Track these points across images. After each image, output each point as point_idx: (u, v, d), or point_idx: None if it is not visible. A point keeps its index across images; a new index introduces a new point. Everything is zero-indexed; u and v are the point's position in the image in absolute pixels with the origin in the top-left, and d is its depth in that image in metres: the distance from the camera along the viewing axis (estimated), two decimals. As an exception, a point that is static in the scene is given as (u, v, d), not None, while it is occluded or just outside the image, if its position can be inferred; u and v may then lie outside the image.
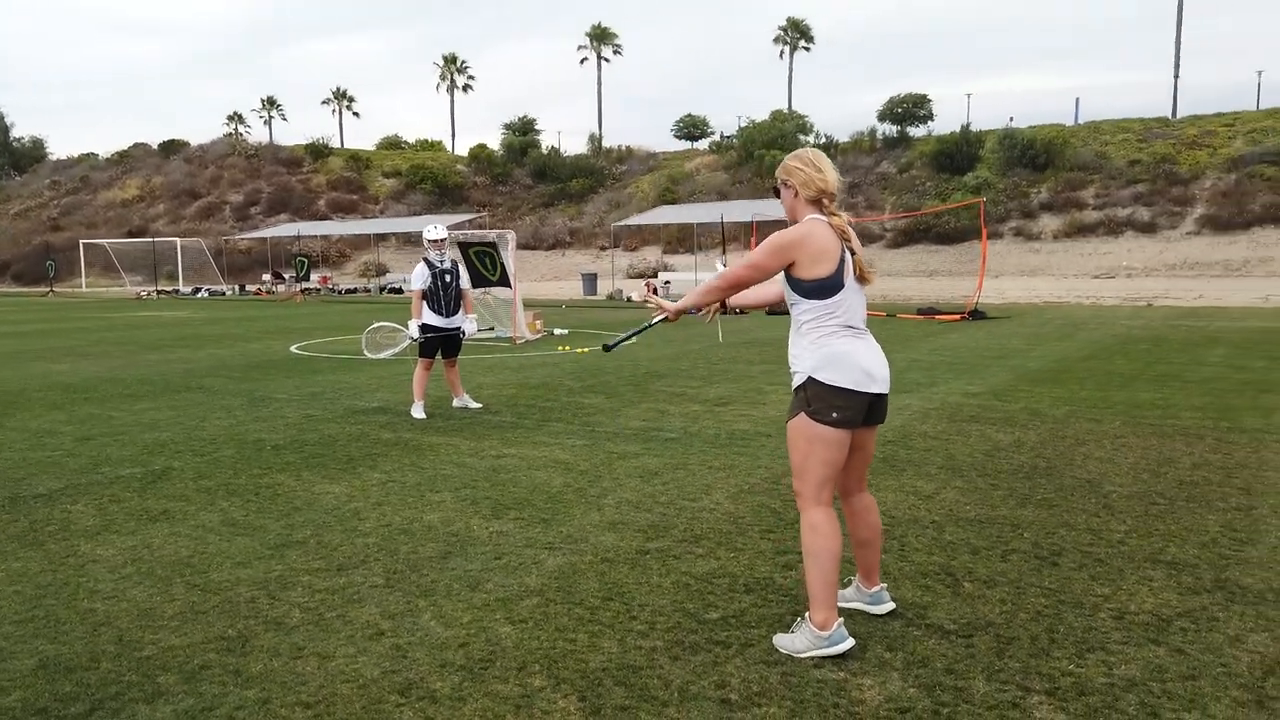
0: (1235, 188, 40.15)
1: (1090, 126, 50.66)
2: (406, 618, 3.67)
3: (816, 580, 3.29)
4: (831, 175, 3.38)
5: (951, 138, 48.36)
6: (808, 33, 65.60)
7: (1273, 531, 4.49)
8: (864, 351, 3.36)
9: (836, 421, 3.28)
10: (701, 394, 9.11)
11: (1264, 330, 15.06)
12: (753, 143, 54.28)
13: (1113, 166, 44.44)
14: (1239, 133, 45.39)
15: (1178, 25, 55.26)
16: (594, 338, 15.93)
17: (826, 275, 3.31)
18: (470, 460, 6.40)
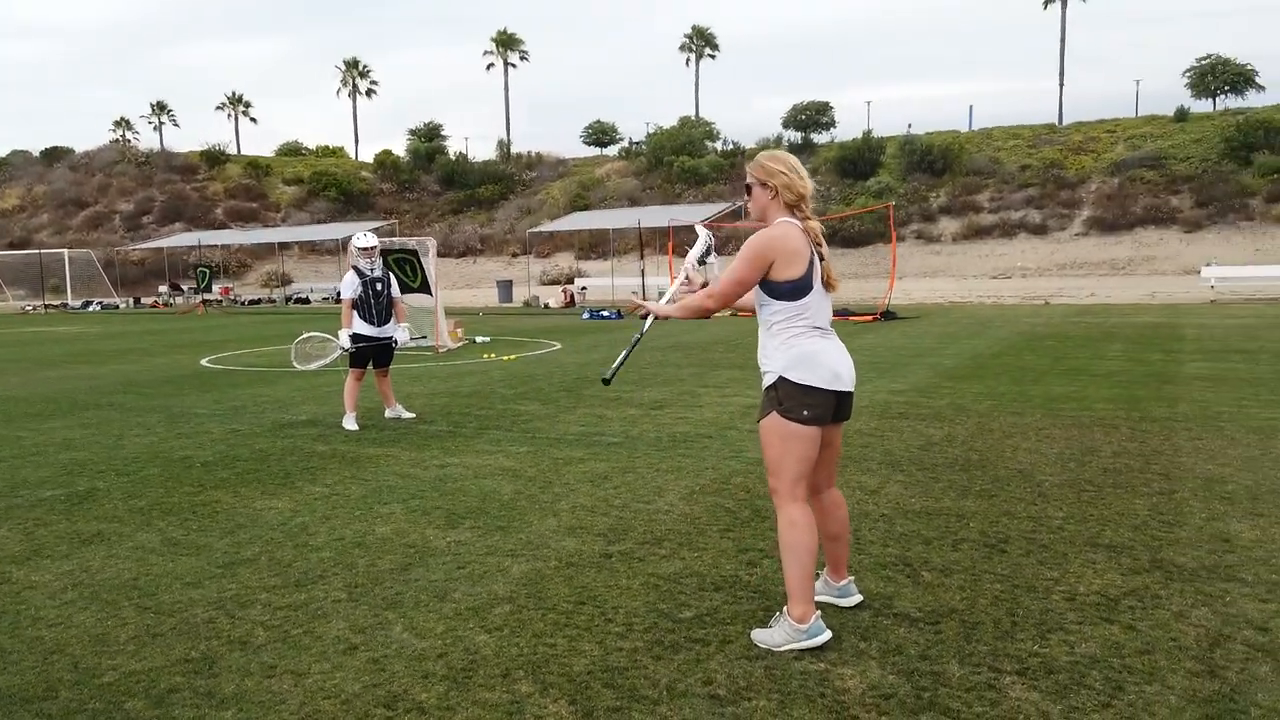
0: (1118, 191, 42.35)
1: (983, 133, 52.71)
2: (378, 631, 3.61)
3: (795, 575, 3.37)
4: (809, 181, 3.47)
5: (854, 144, 49.72)
6: (713, 41, 66.54)
7: (1196, 513, 4.78)
8: (832, 351, 3.43)
9: (807, 419, 3.37)
10: (636, 398, 9.17)
11: (1154, 325, 15.94)
12: (662, 149, 54.73)
13: (1005, 171, 46.33)
14: (1120, 139, 47.88)
15: (1062, 36, 58.03)
16: (516, 345, 15.85)
17: (798, 277, 3.38)
18: (414, 471, 6.31)
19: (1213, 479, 5.44)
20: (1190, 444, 6.36)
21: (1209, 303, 22.20)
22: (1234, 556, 4.12)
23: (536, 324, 21.50)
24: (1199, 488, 5.26)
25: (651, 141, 57.57)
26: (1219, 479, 5.43)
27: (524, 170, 62.55)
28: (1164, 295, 24.59)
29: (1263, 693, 2.88)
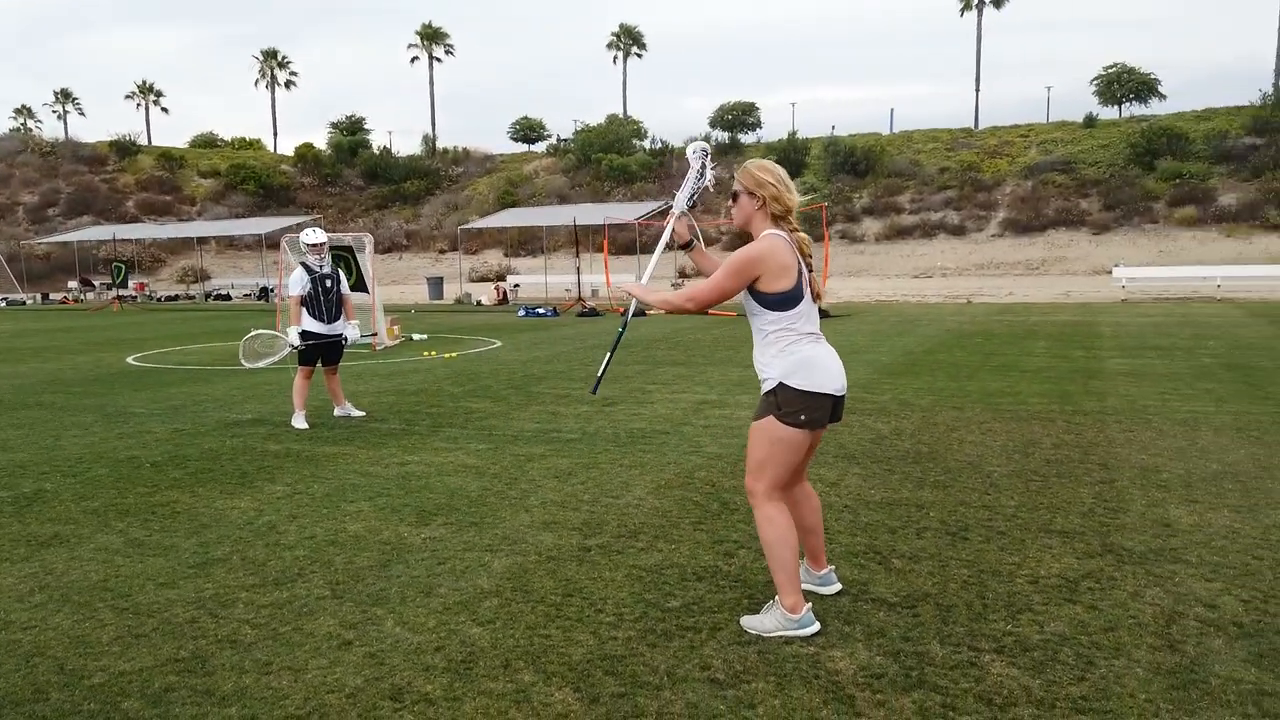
0: (1032, 194, 43.89)
1: (904, 135, 54.06)
2: (368, 626, 3.63)
3: (780, 570, 3.48)
4: (796, 194, 3.54)
5: (780, 145, 50.52)
6: (640, 39, 66.78)
7: (1137, 500, 5.08)
8: (827, 357, 3.52)
9: (805, 423, 3.44)
10: (586, 395, 9.24)
11: (1073, 323, 16.64)
12: (590, 146, 54.74)
13: (925, 173, 47.61)
14: (1033, 143, 49.60)
15: (978, 42, 59.83)
16: (454, 343, 15.74)
17: (788, 289, 3.44)
18: (374, 469, 6.28)
19: (1148, 468, 5.77)
20: (1123, 436, 6.73)
21: (1120, 301, 23.24)
22: (1176, 540, 4.40)
23: (471, 321, 21.35)
24: (1136, 477, 5.58)
25: (579, 139, 57.54)
26: (1153, 468, 5.77)
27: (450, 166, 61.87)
28: (1078, 294, 25.63)
29: (1219, 664, 3.12)
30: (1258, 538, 4.40)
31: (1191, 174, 41.13)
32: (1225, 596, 3.70)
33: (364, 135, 66.30)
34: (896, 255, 40.78)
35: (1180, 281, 26.43)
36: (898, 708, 2.89)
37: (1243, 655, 3.18)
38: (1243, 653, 3.20)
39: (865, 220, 44.38)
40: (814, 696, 2.98)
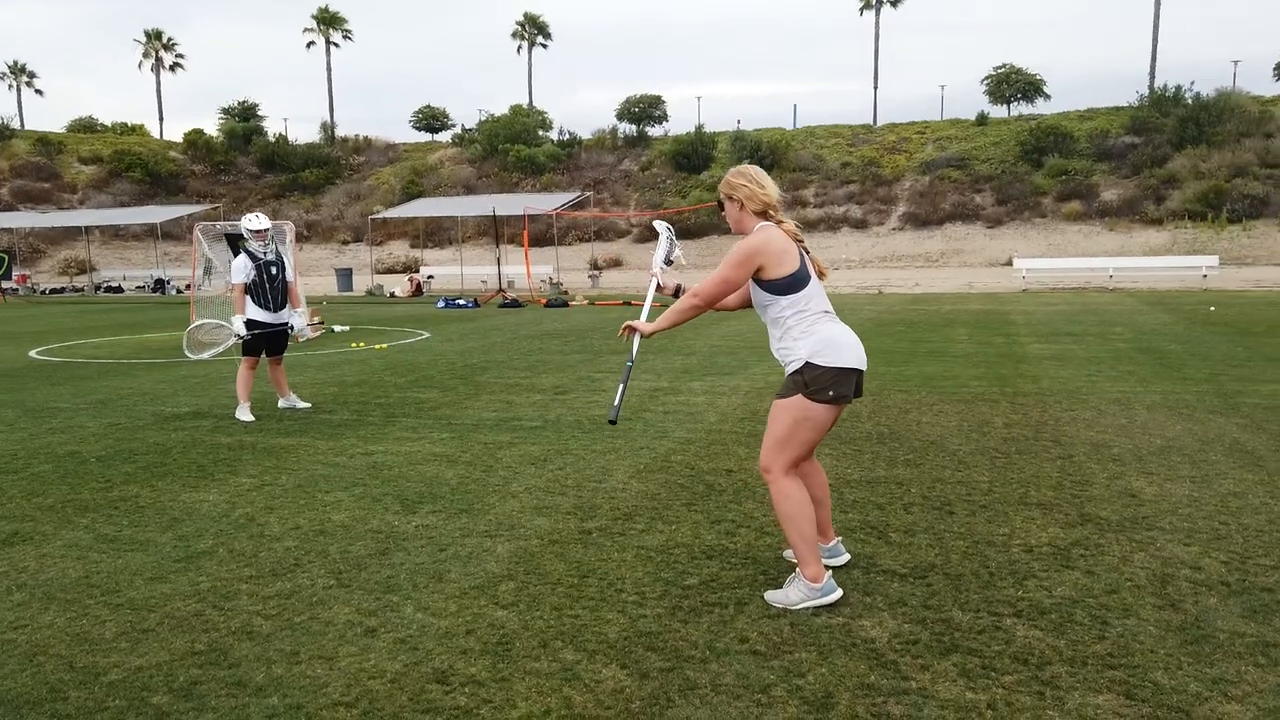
0: (929, 189, 45.42)
1: (807, 131, 55.19)
2: (388, 613, 3.56)
3: (799, 541, 3.57)
4: (773, 189, 3.66)
5: (687, 138, 50.91)
6: (545, 29, 66.28)
7: (1098, 474, 5.36)
8: (846, 333, 3.62)
9: (833, 399, 3.54)
10: (535, 384, 9.19)
11: (984, 311, 17.33)
12: (496, 137, 54.12)
13: (828, 168, 48.76)
14: (929, 140, 51.31)
15: (876, 41, 61.51)
16: (379, 334, 15.40)
17: (792, 272, 3.56)
18: (340, 459, 6.13)
19: (1098, 444, 6.09)
20: (1066, 415, 7.07)
21: (1021, 291, 24.31)
22: (1145, 509, 4.67)
23: (390, 313, 20.90)
24: (1090, 452, 5.88)
25: (484, 129, 56.82)
26: (1103, 444, 6.09)
27: (351, 154, 60.28)
28: (980, 285, 26.68)
29: (1220, 620, 3.34)
30: (1217, 505, 4.70)
31: (1076, 171, 43.25)
32: (1206, 559, 3.95)
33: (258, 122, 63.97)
34: (803, 248, 41.63)
35: (1075, 272, 27.81)
36: (941, 670, 3.00)
37: (1238, 611, 3.41)
38: (1237, 609, 3.43)
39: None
40: (858, 664, 3.06)
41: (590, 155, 54.28)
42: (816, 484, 3.89)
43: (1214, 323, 14.20)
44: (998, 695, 2.83)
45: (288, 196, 54.75)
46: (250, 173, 58.68)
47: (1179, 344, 11.45)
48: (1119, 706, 2.75)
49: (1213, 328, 13.41)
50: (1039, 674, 2.96)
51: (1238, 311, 16.23)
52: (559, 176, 51.58)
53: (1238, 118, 43.00)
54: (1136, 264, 27.64)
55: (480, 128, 57.82)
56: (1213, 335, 12.38)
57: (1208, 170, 40.35)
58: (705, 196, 43.96)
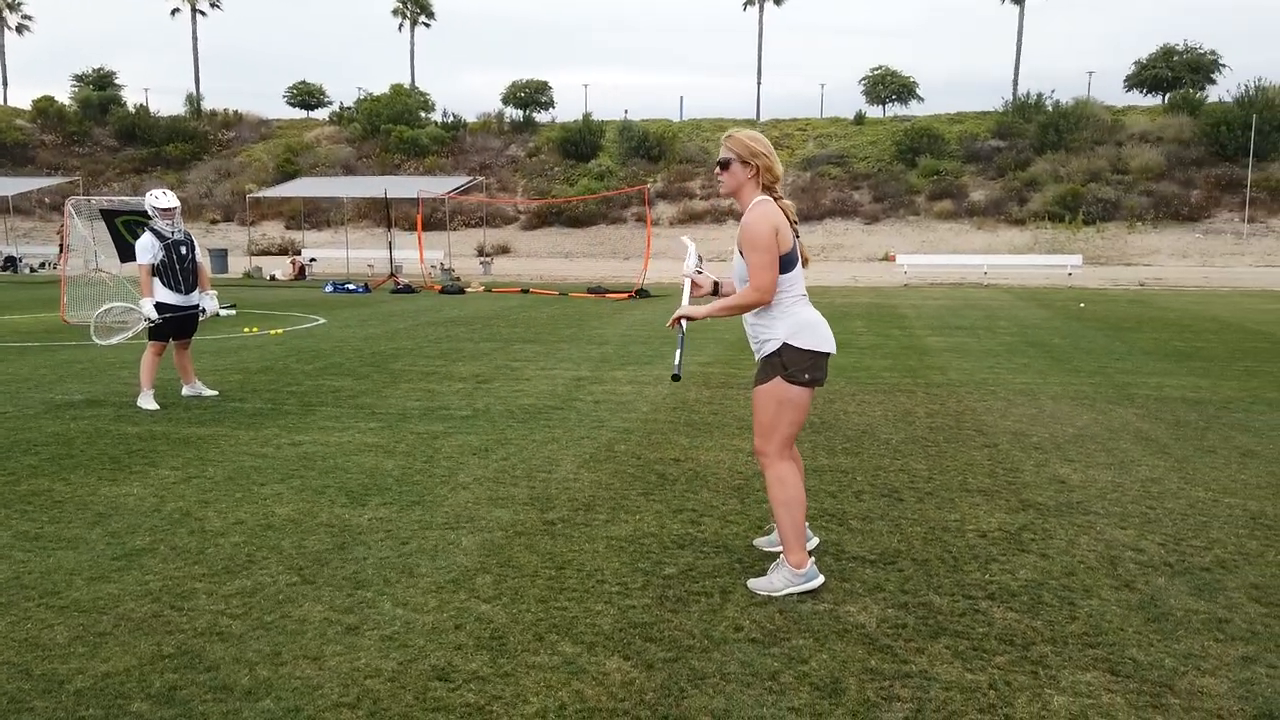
0: (810, 185, 46.70)
1: (693, 123, 55.81)
2: (365, 609, 3.43)
3: (789, 527, 3.62)
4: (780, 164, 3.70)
5: (575, 126, 50.73)
6: (428, 8, 64.73)
7: (1025, 461, 5.64)
8: (820, 319, 3.71)
9: (810, 382, 3.62)
10: (453, 372, 8.99)
11: (875, 305, 17.94)
12: (377, 117, 52.62)
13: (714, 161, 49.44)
14: (810, 136, 52.73)
15: (759, 37, 62.64)
16: (268, 319, 14.76)
17: (787, 251, 3.59)
18: (268, 450, 5.85)
19: (1018, 433, 6.40)
20: (980, 405, 7.40)
21: (903, 286, 25.28)
22: (1077, 495, 4.94)
23: (275, 297, 20.05)
24: (1012, 440, 6.18)
25: (364, 108, 55.12)
26: (1022, 433, 6.41)
27: (220, 129, 57.54)
28: (864, 279, 27.61)
29: (1173, 598, 3.57)
30: (1140, 491, 5.02)
31: (947, 171, 45.28)
32: (1144, 541, 4.22)
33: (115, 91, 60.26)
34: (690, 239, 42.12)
35: (952, 268, 29.12)
36: (936, 653, 3.10)
37: (1186, 590, 3.65)
38: (1185, 588, 3.67)
39: (660, 204, 45.52)
40: (856, 649, 3.13)
41: (476, 139, 53.42)
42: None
43: (1086, 318, 15.12)
44: (995, 676, 2.95)
45: (150, 171, 51.83)
46: (108, 145, 55.27)
47: (1061, 338, 12.14)
48: (1108, 683, 2.90)
49: (1086, 323, 14.28)
50: (1027, 654, 3.09)
51: (1104, 308, 17.33)
52: (443, 160, 50.56)
53: (1092, 126, 45.87)
54: (1008, 261, 29.18)
55: (359, 107, 56.07)
56: (1089, 330, 13.18)
57: (1066, 174, 42.91)
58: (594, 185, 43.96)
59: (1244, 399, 7.70)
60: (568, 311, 16.38)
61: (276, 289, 22.94)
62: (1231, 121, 41.83)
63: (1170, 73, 51.51)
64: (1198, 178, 41.85)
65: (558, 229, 44.35)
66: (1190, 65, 51.26)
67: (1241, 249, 36.98)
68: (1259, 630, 3.27)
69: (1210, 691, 2.85)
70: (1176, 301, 19.38)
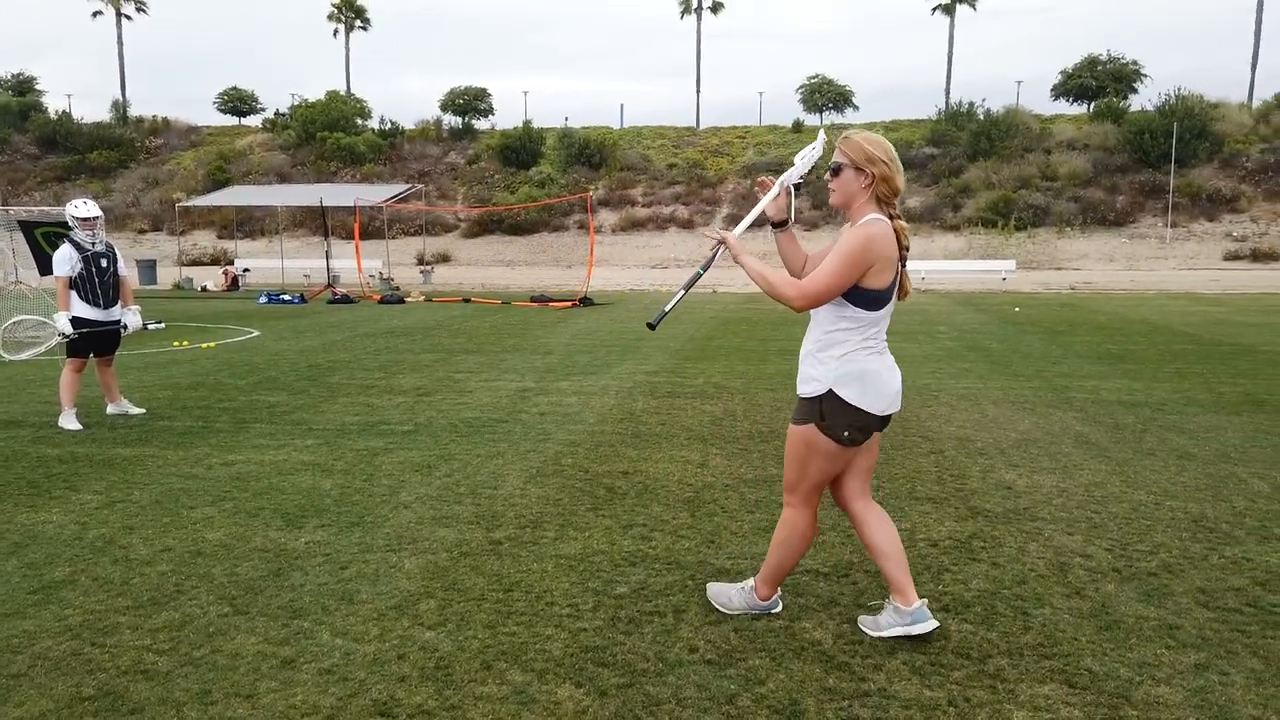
0: (751, 192, 47.02)
1: (634, 131, 55.89)
2: (302, 640, 3.27)
3: (776, 566, 3.39)
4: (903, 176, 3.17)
5: (515, 133, 50.40)
6: (363, 13, 63.75)
7: (971, 468, 5.66)
8: (887, 371, 3.20)
9: (847, 440, 3.17)
10: (393, 385, 8.78)
11: (816, 312, 18.06)
12: (312, 124, 51.64)
13: (655, 168, 49.57)
14: (750, 144, 53.15)
15: (698, 45, 63.01)
16: (201, 332, 14.31)
17: (884, 288, 3.10)
18: (198, 471, 5.61)
19: (962, 439, 6.44)
20: (925, 411, 7.44)
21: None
22: (1023, 501, 4.96)
23: (206, 309, 19.48)
24: (958, 447, 6.21)
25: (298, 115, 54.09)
26: (967, 439, 6.44)
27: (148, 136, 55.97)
28: (804, 286, 27.86)
29: (1123, 605, 3.57)
30: (1084, 495, 5.06)
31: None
32: (1091, 547, 4.23)
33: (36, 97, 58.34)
34: (632, 246, 42.17)
35: (888, 275, 29.51)
36: (893, 670, 3.05)
37: (1135, 596, 3.66)
38: (1134, 594, 3.69)
39: (602, 212, 45.45)
40: (813, 667, 3.07)
41: (414, 146, 52.80)
42: (881, 533, 3.33)
43: (1022, 322, 15.41)
44: (954, 691, 2.90)
45: (73, 180, 50.18)
46: (28, 152, 53.44)
47: (999, 343, 12.33)
48: (1066, 695, 2.88)
49: (1022, 327, 14.55)
50: (984, 667, 3.06)
51: (1038, 312, 17.69)
52: (381, 167, 49.87)
53: (1022, 134, 47.01)
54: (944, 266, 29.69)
55: (294, 113, 54.98)
56: (1026, 334, 13.42)
57: (998, 181, 43.88)
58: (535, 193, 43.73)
59: (1177, 400, 7.87)
60: (511, 321, 16.20)
61: (208, 301, 22.31)
62: (1154, 129, 43.21)
63: (1095, 82, 53.04)
64: (1123, 184, 43.14)
65: (499, 237, 43.99)
66: (1114, 75, 52.86)
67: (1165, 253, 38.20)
68: (1208, 636, 3.29)
69: (1166, 701, 2.84)
70: (1107, 305, 19.89)
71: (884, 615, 3.33)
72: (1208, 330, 14.03)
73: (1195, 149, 42.87)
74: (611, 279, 30.84)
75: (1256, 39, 54.05)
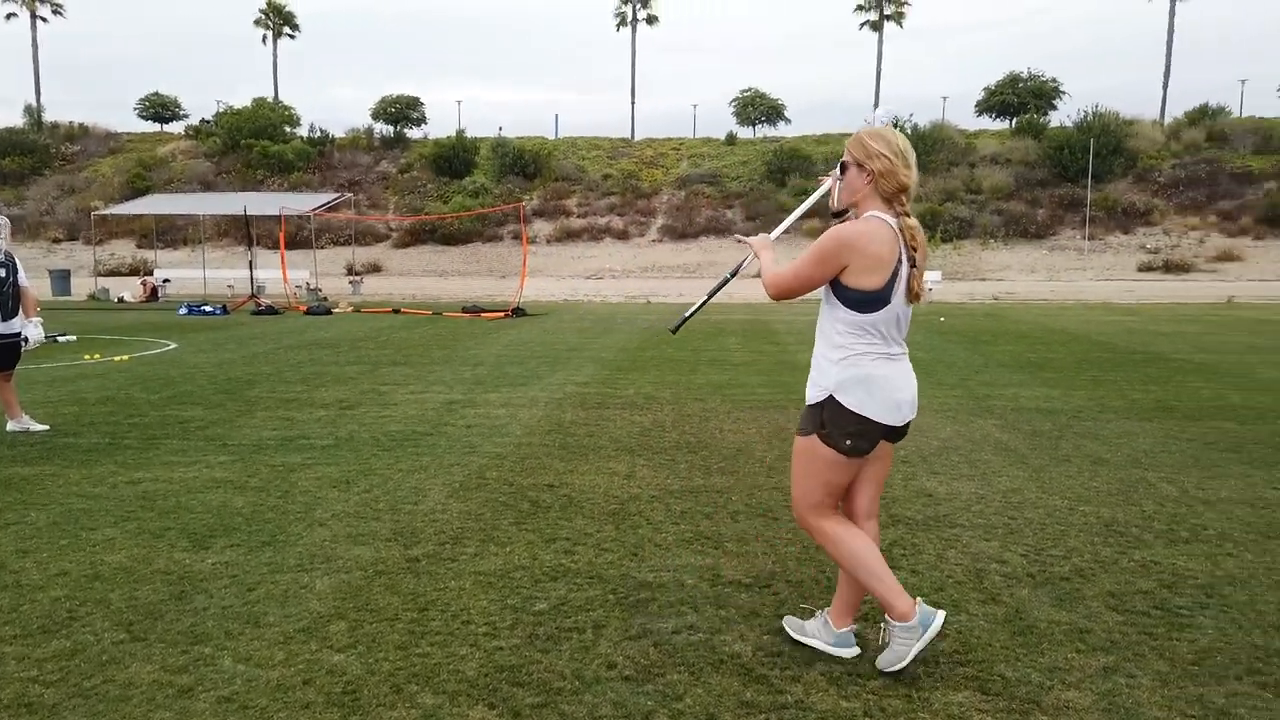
0: (685, 203, 47.35)
1: (568, 141, 55.88)
2: (203, 667, 3.13)
3: (873, 582, 3.06)
4: (915, 171, 2.99)
5: (448, 142, 50.02)
6: (291, 19, 62.73)
7: (895, 474, 5.70)
8: (897, 377, 3.02)
9: (849, 449, 3.02)
10: (315, 398, 8.56)
11: (748, 321, 18.20)
12: (238, 131, 50.53)
13: (590, 179, 49.58)
14: (684, 156, 53.52)
15: (632, 57, 63.32)
16: (115, 344, 13.82)
17: (874, 289, 2.93)
18: (101, 490, 5.37)
19: (886, 448, 6.49)
20: (850, 420, 7.50)
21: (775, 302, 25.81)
22: (943, 508, 5.02)
23: (121, 320, 18.83)
24: (882, 455, 6.26)
25: (224, 122, 52.89)
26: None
27: (64, 143, 54.17)
28: (738, 295, 28.03)
29: (1036, 610, 3.62)
30: (1001, 502, 5.14)
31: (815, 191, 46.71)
32: (1007, 553, 4.29)
33: (-55, 100, 55.95)
34: (568, 257, 42.07)
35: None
36: (811, 681, 3.04)
37: (1048, 601, 3.72)
38: (1046, 599, 3.74)
39: (537, 222, 45.29)
40: (732, 681, 3.04)
41: (344, 155, 52.00)
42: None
43: (946, 332, 15.72)
44: (870, 701, 2.90)
45: (-16, 187, 48.26)
46: (-65, 158, 51.15)
47: (924, 352, 12.54)
48: (978, 702, 2.89)
49: (946, 336, 14.85)
50: (900, 676, 3.06)
51: (963, 322, 18.08)
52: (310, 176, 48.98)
53: (948, 148, 48.19)
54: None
55: (219, 120, 53.76)
56: (950, 344, 13.69)
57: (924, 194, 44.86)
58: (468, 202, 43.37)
59: (1092, 408, 8.08)
60: (441, 332, 15.98)
61: (125, 312, 21.58)
62: (1072, 145, 44.69)
63: (1016, 98, 54.67)
64: (1043, 197, 44.49)
65: (432, 247, 43.49)
66: (1034, 91, 54.54)
67: (1083, 264, 39.46)
68: (1117, 639, 3.35)
69: (1075, 705, 2.87)
70: (1028, 315, 20.43)
71: (812, 623, 3.32)
72: (1122, 339, 14.49)
73: (1111, 164, 44.45)
74: (546, 289, 30.71)
75: (1168, 59, 56.37)
